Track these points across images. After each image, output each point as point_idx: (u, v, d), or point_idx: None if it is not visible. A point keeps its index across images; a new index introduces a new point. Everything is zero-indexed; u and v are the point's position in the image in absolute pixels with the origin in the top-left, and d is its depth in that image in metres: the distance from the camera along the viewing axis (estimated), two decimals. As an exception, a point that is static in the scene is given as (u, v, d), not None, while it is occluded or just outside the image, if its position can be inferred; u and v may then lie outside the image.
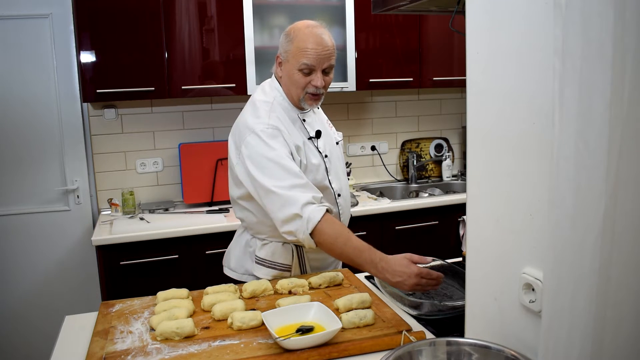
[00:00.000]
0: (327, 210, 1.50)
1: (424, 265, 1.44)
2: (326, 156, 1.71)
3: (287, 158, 1.55)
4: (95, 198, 2.95)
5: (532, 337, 0.99)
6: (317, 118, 1.77)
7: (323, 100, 1.71)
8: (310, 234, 1.47)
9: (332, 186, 1.71)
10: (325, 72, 1.63)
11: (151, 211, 2.82)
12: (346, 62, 2.91)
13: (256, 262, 1.73)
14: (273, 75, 1.73)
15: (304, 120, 1.70)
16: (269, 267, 1.71)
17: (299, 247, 1.72)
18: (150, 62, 2.63)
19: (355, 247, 1.46)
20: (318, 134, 1.71)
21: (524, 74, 0.96)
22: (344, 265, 1.92)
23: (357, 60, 2.92)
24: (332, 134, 1.80)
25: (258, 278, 1.71)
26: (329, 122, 1.88)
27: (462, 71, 1.09)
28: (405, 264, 1.40)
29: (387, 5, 1.57)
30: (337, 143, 1.80)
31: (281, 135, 1.58)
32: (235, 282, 1.78)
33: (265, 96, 1.68)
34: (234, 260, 1.81)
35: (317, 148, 1.69)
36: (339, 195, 1.73)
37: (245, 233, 1.79)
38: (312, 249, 1.60)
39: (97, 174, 2.93)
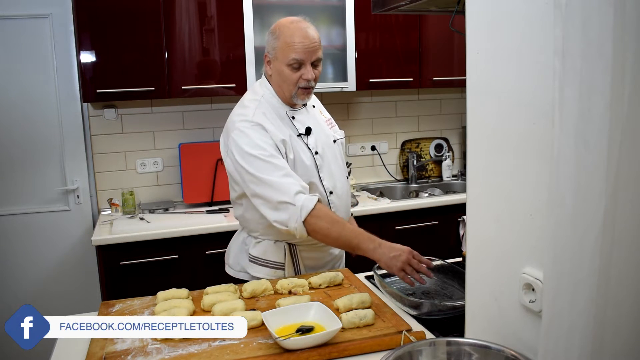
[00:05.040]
0: (319, 200, 1.55)
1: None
2: (317, 153, 1.71)
3: (272, 153, 1.59)
4: (95, 198, 2.95)
5: (532, 337, 0.99)
6: (310, 115, 1.77)
7: (313, 94, 1.74)
8: (304, 222, 1.51)
9: (324, 184, 1.71)
10: (314, 65, 1.66)
11: (151, 211, 2.82)
12: (346, 62, 2.91)
13: (250, 260, 1.77)
14: (263, 75, 1.76)
15: (293, 117, 1.71)
16: (261, 265, 1.75)
17: (291, 246, 1.74)
18: (150, 62, 2.63)
19: (352, 230, 1.56)
20: (308, 130, 1.70)
21: (524, 74, 0.96)
22: (346, 263, 1.92)
23: (357, 60, 2.92)
24: (329, 132, 1.80)
25: (253, 276, 1.73)
26: (332, 120, 1.88)
27: (462, 71, 1.09)
28: (402, 247, 1.51)
29: (387, 5, 1.57)
30: (334, 141, 1.79)
31: (264, 130, 1.62)
32: (234, 279, 1.81)
33: (255, 95, 1.73)
34: (232, 257, 1.85)
35: (307, 145, 1.70)
36: (330, 193, 1.73)
37: (242, 231, 1.84)
38: (306, 245, 1.70)
39: (97, 174, 2.93)
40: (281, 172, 1.56)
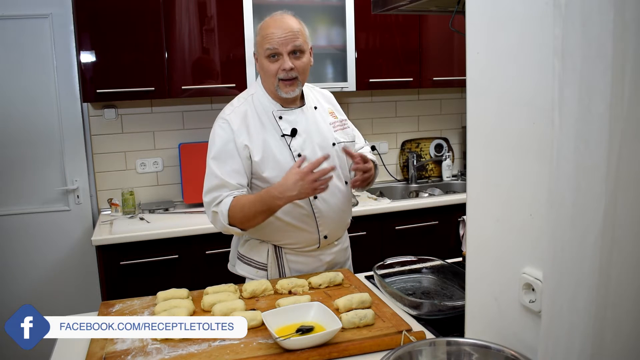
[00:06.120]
0: (235, 196, 1.62)
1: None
2: (299, 155, 1.66)
3: (222, 156, 1.64)
4: (95, 198, 2.95)
5: (532, 337, 0.99)
6: (305, 116, 1.72)
7: (301, 86, 1.70)
8: (231, 224, 1.61)
9: None
10: (295, 56, 1.64)
11: (151, 211, 2.82)
12: (346, 62, 2.91)
13: (237, 257, 1.81)
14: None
15: (280, 117, 1.69)
16: (246, 263, 1.78)
17: (277, 248, 1.74)
18: (150, 62, 2.63)
19: (258, 199, 1.58)
20: (293, 132, 1.68)
21: (524, 74, 0.96)
22: (354, 265, 1.92)
23: (357, 60, 2.92)
24: (329, 135, 1.74)
25: (240, 274, 1.79)
26: (345, 123, 1.83)
27: (462, 71, 1.09)
28: (291, 172, 1.55)
29: (387, 5, 1.57)
30: (333, 144, 1.73)
31: (230, 129, 1.65)
32: (233, 275, 1.83)
33: (246, 93, 1.76)
34: (231, 253, 1.89)
35: (289, 146, 1.67)
36: (315, 197, 1.68)
37: None
38: (292, 249, 1.73)
39: (97, 174, 2.93)
40: (212, 181, 1.63)
